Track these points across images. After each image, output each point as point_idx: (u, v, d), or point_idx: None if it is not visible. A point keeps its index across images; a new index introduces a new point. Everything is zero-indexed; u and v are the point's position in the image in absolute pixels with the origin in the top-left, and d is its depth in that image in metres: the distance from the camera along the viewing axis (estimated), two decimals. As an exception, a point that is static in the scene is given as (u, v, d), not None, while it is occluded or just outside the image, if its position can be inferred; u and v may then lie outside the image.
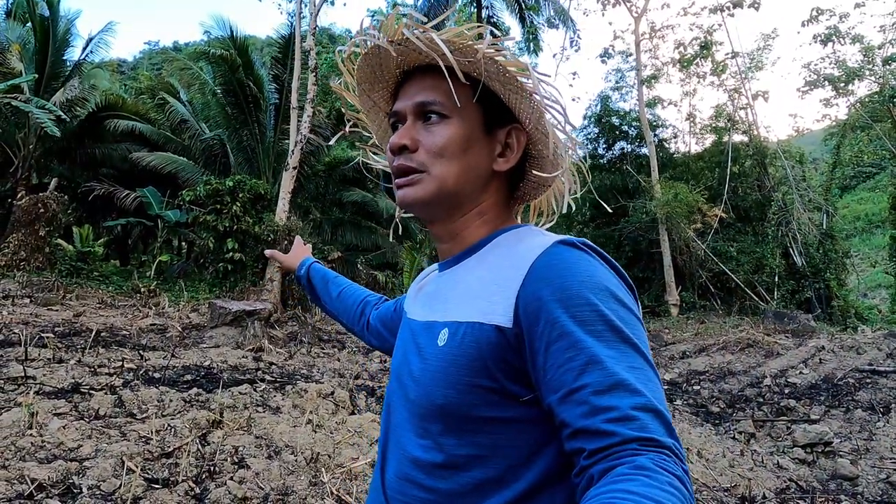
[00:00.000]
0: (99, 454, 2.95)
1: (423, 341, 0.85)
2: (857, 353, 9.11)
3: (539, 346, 0.72)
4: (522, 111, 0.89)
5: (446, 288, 0.90)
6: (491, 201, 0.92)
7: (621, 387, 0.65)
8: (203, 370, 5.60)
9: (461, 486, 0.75)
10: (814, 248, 17.72)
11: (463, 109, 0.87)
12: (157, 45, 63.27)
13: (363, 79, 0.98)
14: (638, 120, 20.62)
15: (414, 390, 0.83)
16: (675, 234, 17.56)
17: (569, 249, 0.78)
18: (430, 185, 0.87)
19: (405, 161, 0.87)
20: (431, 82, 0.88)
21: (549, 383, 0.70)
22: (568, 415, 0.67)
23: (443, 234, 0.94)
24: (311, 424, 3.97)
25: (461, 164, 0.87)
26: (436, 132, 0.87)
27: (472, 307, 0.80)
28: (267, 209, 13.45)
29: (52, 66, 16.13)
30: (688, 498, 0.58)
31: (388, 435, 0.90)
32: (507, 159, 0.91)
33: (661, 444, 0.62)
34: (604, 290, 0.73)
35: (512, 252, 0.83)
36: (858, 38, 19.68)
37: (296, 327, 9.09)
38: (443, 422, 0.77)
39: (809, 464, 4.62)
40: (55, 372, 4.74)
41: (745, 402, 6.50)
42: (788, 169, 18.66)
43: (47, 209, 12.42)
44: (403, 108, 0.90)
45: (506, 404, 0.75)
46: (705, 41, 20.35)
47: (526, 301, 0.74)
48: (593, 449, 0.64)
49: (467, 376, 0.76)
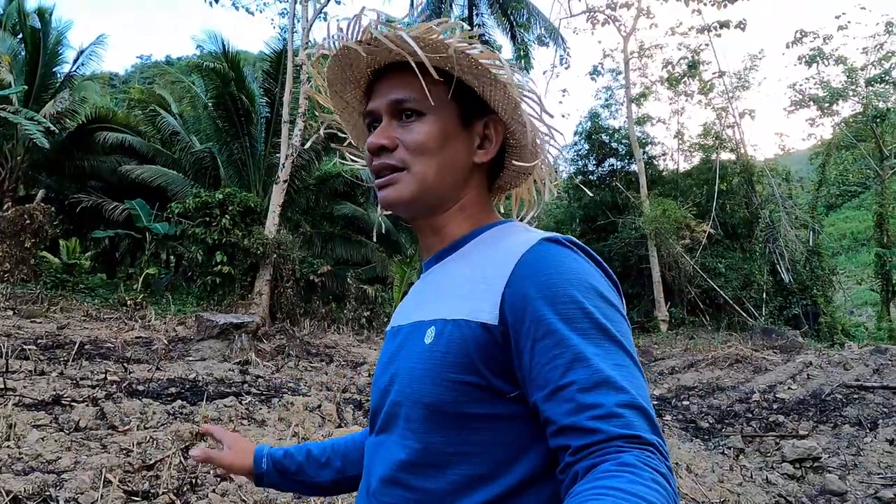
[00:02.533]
0: (78, 466, 2.89)
1: (411, 342, 0.84)
2: (844, 369, 9.15)
3: (525, 343, 0.72)
4: (497, 102, 0.89)
5: (432, 286, 0.89)
6: (473, 195, 0.92)
7: (606, 384, 0.65)
8: (188, 383, 5.52)
9: (449, 484, 0.74)
10: (801, 266, 17.89)
11: (439, 105, 0.86)
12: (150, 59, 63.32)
13: (334, 80, 0.96)
14: (627, 137, 20.85)
15: (400, 391, 0.81)
16: (664, 250, 17.68)
17: (555, 246, 0.77)
18: (411, 184, 0.86)
19: (385, 160, 0.87)
20: (404, 79, 0.87)
21: (534, 380, 0.70)
22: (553, 412, 0.67)
23: (426, 231, 0.93)
24: (297, 437, 3.91)
25: (441, 160, 0.86)
26: (414, 129, 0.86)
27: (459, 305, 0.79)
28: (257, 222, 13.38)
29: (43, 78, 16.07)
30: (671, 494, 0.59)
31: (373, 449, 0.87)
32: (487, 151, 0.91)
33: (646, 441, 0.62)
34: (589, 288, 0.73)
35: (497, 249, 0.82)
36: (842, 59, 20.11)
37: (283, 340, 9.00)
38: (430, 420, 0.76)
39: (798, 479, 4.61)
40: (36, 384, 4.66)
41: (734, 418, 6.49)
42: (775, 187, 18.91)
43: (33, 220, 12.29)
44: (378, 106, 0.89)
45: (493, 401, 0.75)
46: (693, 60, 20.69)
47: (512, 299, 0.74)
48: (578, 446, 0.64)
49: (454, 373, 0.75)
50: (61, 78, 16.93)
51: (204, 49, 17.76)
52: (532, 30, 20.46)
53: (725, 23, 19.66)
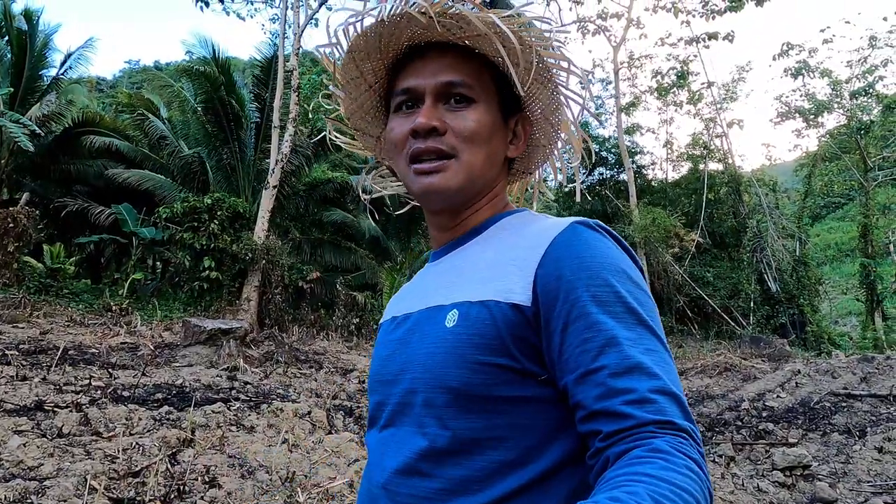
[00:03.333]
0: (61, 473, 2.81)
1: (427, 327, 0.80)
2: (832, 378, 9.20)
3: (556, 325, 0.71)
4: (539, 101, 0.89)
5: (448, 272, 0.86)
6: (500, 186, 0.92)
7: (639, 369, 0.65)
8: (175, 389, 5.42)
9: (476, 470, 0.71)
10: (787, 275, 18.05)
11: (488, 93, 0.84)
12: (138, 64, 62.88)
13: (361, 46, 0.87)
14: (617, 146, 20.99)
15: (417, 378, 0.77)
16: (653, 259, 17.77)
17: (587, 230, 0.77)
18: (460, 173, 0.82)
19: (434, 143, 0.81)
20: (453, 61, 0.83)
21: (565, 363, 0.69)
22: (584, 396, 0.66)
23: (448, 219, 0.90)
24: (286, 444, 3.84)
25: (488, 151, 0.84)
26: (466, 116, 0.82)
27: (486, 287, 0.77)
28: (245, 228, 13.27)
29: (29, 81, 15.87)
30: (704, 481, 0.58)
31: (382, 443, 0.82)
32: (517, 147, 0.91)
33: (679, 427, 0.62)
34: (622, 272, 0.73)
35: (525, 232, 0.81)
36: (827, 72, 20.40)
37: (272, 347, 8.90)
38: (455, 405, 0.73)
39: (789, 487, 4.61)
40: (18, 389, 4.55)
41: (724, 426, 6.50)
42: (762, 197, 19.10)
43: (17, 224, 12.08)
44: (423, 85, 0.83)
45: (524, 383, 0.73)
46: (681, 71, 20.90)
47: (545, 279, 0.73)
48: (610, 431, 0.63)
49: (484, 355, 0.72)
50: (48, 81, 16.73)
51: (194, 54, 17.67)
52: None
53: (714, 34, 19.90)
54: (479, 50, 0.84)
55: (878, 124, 18.98)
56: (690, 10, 20.10)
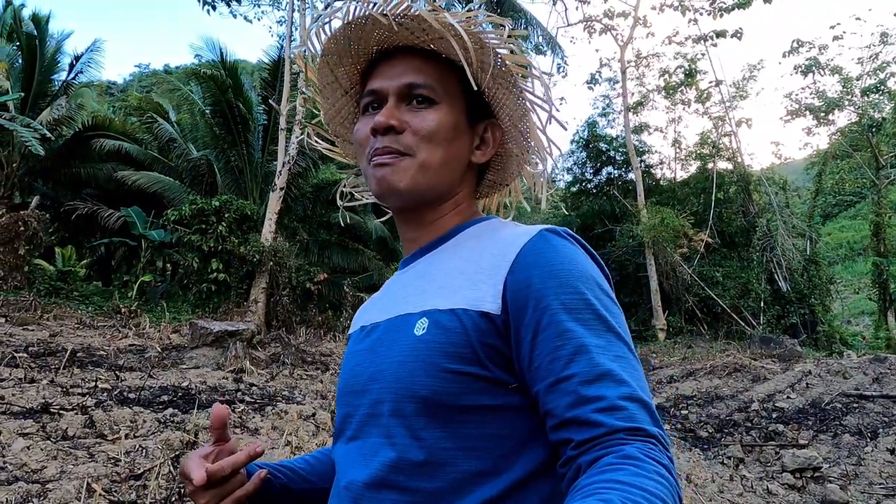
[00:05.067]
0: (63, 476, 2.81)
1: (396, 336, 0.79)
2: (843, 378, 9.10)
3: (526, 333, 0.71)
4: (506, 107, 0.88)
5: (417, 281, 0.85)
6: (465, 192, 0.91)
7: (608, 377, 0.65)
8: (181, 391, 5.44)
9: (449, 482, 0.70)
10: (798, 274, 17.86)
11: (452, 96, 0.85)
12: (148, 68, 63.37)
13: (333, 50, 0.90)
14: (624, 146, 20.88)
15: (386, 388, 0.76)
16: (661, 259, 17.65)
17: (556, 238, 0.77)
18: (413, 170, 0.82)
19: (391, 142, 0.82)
20: (419, 64, 0.84)
21: (536, 371, 0.70)
22: (555, 405, 0.67)
23: (414, 223, 0.90)
24: (289, 446, 3.84)
25: (446, 152, 0.84)
26: (425, 116, 0.83)
27: (455, 294, 0.76)
28: (253, 230, 13.31)
29: (39, 85, 16.03)
30: (674, 486, 0.59)
31: (348, 455, 0.80)
32: (484, 152, 0.90)
33: (648, 434, 0.63)
34: (590, 279, 0.74)
35: (494, 240, 0.81)
36: (837, 69, 20.19)
37: (279, 348, 8.92)
38: (425, 414, 0.72)
39: (799, 489, 4.55)
40: (25, 392, 4.57)
41: (734, 427, 6.43)
42: (772, 195, 18.91)
43: (27, 227, 12.19)
44: (386, 87, 0.84)
45: (494, 392, 0.72)
46: (689, 69, 20.76)
47: (515, 287, 0.73)
48: (581, 440, 0.63)
49: (454, 364, 0.72)
50: (58, 85, 16.90)
51: (202, 57, 17.76)
52: (530, 38, 20.53)
53: (722, 32, 19.74)
54: (444, 54, 0.85)
55: (890, 121, 18.73)
56: (698, 7, 19.98)
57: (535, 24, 19.47)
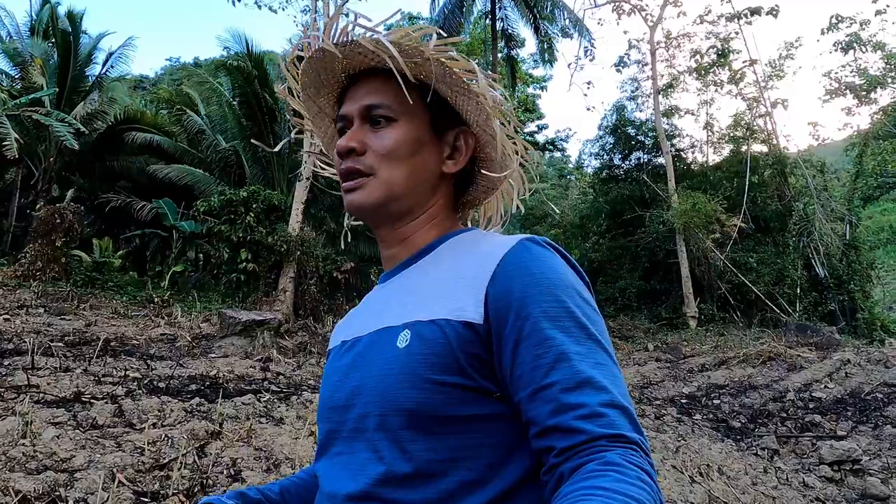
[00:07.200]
0: (91, 465, 2.86)
1: (379, 349, 0.79)
2: (885, 367, 8.77)
3: (508, 341, 0.72)
4: (469, 113, 0.89)
5: (398, 293, 0.86)
6: (440, 204, 0.92)
7: (589, 384, 0.67)
8: (208, 380, 5.52)
9: (438, 493, 0.70)
10: (837, 260, 17.27)
11: (411, 112, 0.87)
12: (178, 61, 64.31)
13: (308, 83, 0.95)
14: (654, 130, 20.39)
15: (370, 402, 0.76)
16: (692, 245, 17.25)
17: (536, 247, 0.79)
18: (377, 189, 0.85)
19: (353, 164, 0.86)
20: (378, 85, 0.87)
21: (518, 379, 0.70)
22: (537, 413, 0.68)
23: (390, 239, 0.91)
24: (313, 436, 3.85)
25: (410, 167, 0.86)
26: (384, 135, 0.86)
27: (437, 306, 0.77)
28: (280, 220, 13.45)
29: (73, 81, 16.42)
30: (656, 491, 0.60)
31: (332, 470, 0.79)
32: (456, 161, 0.91)
33: (629, 440, 0.64)
34: (570, 288, 0.75)
35: (474, 250, 0.82)
36: (880, 45, 19.34)
37: (306, 337, 9.01)
38: (411, 427, 0.72)
39: (837, 482, 4.40)
40: (59, 381, 4.69)
41: (768, 417, 6.26)
42: (809, 179, 18.28)
43: (64, 220, 12.51)
44: (350, 111, 0.88)
45: (479, 401, 0.73)
46: (722, 49, 20.11)
47: (496, 297, 0.74)
48: (563, 447, 0.64)
49: (438, 374, 0.72)
50: (91, 80, 17.28)
51: (230, 49, 17.93)
52: (556, 21, 20.15)
53: (757, 9, 19.06)
54: (401, 71, 0.85)
55: (937, 99, 17.91)
56: (732, -16, 19.30)
57: (562, 6, 19.10)
